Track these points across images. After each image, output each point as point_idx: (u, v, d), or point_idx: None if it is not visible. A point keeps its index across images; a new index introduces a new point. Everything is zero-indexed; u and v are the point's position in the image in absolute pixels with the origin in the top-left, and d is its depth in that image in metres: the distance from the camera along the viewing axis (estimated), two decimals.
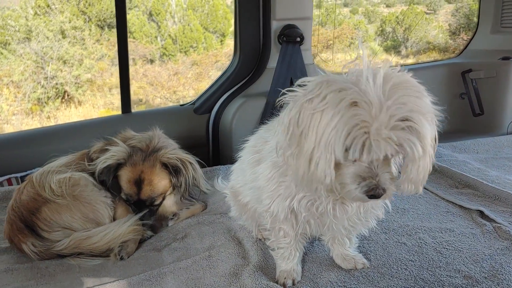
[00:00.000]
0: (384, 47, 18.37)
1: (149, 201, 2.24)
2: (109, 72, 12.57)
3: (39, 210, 2.15)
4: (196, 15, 16.11)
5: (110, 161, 2.21)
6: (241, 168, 1.94)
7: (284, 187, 1.46)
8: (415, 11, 19.20)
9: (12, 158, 2.89)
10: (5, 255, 2.14)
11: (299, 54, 3.16)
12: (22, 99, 11.35)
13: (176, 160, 2.24)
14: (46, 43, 11.57)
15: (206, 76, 11.79)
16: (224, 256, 1.88)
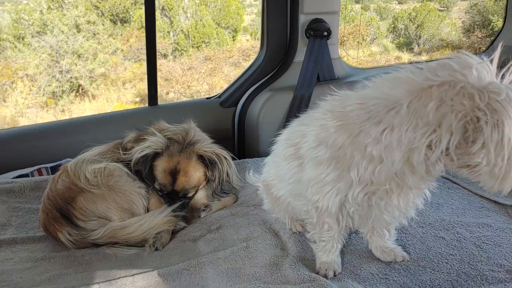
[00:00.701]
0: (396, 44, 18.27)
1: (183, 192, 2.26)
2: (123, 67, 12.63)
3: (74, 199, 2.17)
4: (209, 10, 16.11)
5: (148, 150, 2.23)
6: (274, 161, 1.95)
7: (337, 181, 1.46)
8: (428, 8, 19.04)
9: (42, 149, 2.91)
10: (40, 244, 2.16)
11: (326, 49, 3.15)
12: (37, 93, 11.43)
13: (212, 154, 2.26)
14: (61, 37, 11.63)
15: (219, 71, 11.80)
16: (262, 247, 1.89)
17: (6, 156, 2.86)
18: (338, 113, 1.47)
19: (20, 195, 2.55)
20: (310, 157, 1.52)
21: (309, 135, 1.56)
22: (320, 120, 1.55)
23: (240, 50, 13.21)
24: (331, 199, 1.49)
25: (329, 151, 1.45)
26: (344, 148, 1.41)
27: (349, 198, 1.46)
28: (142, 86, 11.99)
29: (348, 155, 1.41)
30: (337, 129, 1.44)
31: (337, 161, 1.44)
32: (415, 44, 18.23)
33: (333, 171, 1.45)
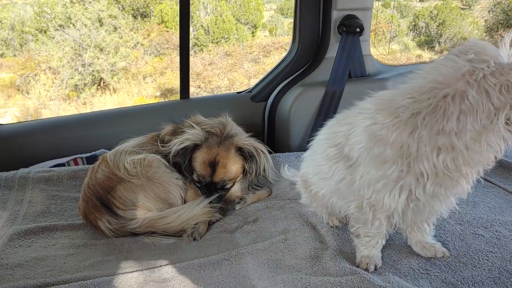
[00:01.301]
0: (417, 42, 18.08)
1: (221, 184, 2.29)
2: (143, 61, 12.73)
3: (114, 188, 2.22)
4: (229, 6, 16.14)
5: (187, 142, 2.27)
6: (313, 160, 1.97)
7: (405, 177, 1.48)
8: (450, 6, 18.79)
9: (78, 139, 2.98)
10: (80, 231, 2.22)
11: (358, 45, 3.15)
12: (59, 85, 11.60)
13: (251, 147, 2.29)
14: (84, 30, 11.77)
15: (240, 67, 11.82)
16: (301, 240, 1.91)
17: (43, 145, 2.93)
18: (391, 111, 1.49)
19: (58, 183, 2.61)
20: (370, 158, 1.53)
21: (359, 136, 1.58)
22: (368, 120, 1.56)
23: (260, 46, 13.22)
24: (395, 197, 1.51)
25: (392, 149, 1.46)
26: (407, 144, 1.43)
27: (415, 193, 1.48)
28: (163, 81, 12.09)
29: (414, 150, 1.43)
30: (395, 126, 1.45)
31: (402, 157, 1.45)
32: (436, 43, 18.02)
33: (399, 168, 1.46)
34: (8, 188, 2.52)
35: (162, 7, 14.78)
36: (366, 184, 1.59)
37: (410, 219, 1.68)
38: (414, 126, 1.44)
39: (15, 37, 14.33)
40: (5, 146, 2.89)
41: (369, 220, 1.65)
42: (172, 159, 2.32)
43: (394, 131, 1.48)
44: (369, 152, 1.56)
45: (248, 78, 11.61)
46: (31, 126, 3.05)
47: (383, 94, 1.64)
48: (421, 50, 17.35)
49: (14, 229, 2.16)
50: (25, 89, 12.19)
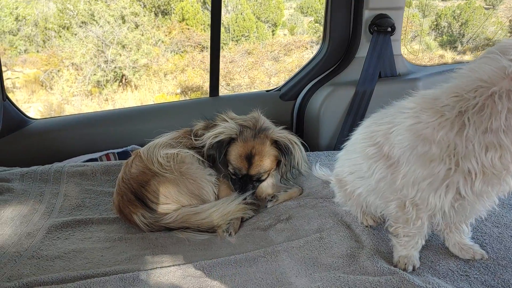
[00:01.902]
0: (439, 42, 17.85)
1: (256, 176, 2.32)
2: (164, 58, 12.81)
3: (148, 183, 2.25)
4: (249, 4, 16.14)
5: (222, 136, 2.29)
6: (349, 159, 1.97)
7: (452, 176, 1.47)
8: (473, 6, 18.50)
9: (109, 135, 3.03)
10: (115, 225, 2.25)
11: (389, 45, 3.14)
12: (82, 81, 11.74)
13: (285, 139, 2.30)
14: (107, 27, 11.90)
15: (260, 65, 11.82)
16: (336, 239, 1.91)
17: (75, 140, 2.99)
18: (437, 110, 1.48)
19: (92, 178, 2.65)
20: (414, 156, 1.53)
21: (401, 135, 1.58)
22: (411, 119, 1.55)
23: (281, 45, 13.19)
24: (441, 195, 1.50)
25: (438, 148, 1.46)
26: (454, 143, 1.43)
27: (463, 191, 1.47)
28: (183, 78, 12.15)
29: (461, 149, 1.42)
30: (441, 125, 1.45)
31: (450, 156, 1.44)
32: (459, 43, 17.77)
33: (446, 167, 1.46)
34: (44, 182, 2.58)
35: (183, 4, 14.85)
36: (411, 183, 1.58)
37: (452, 218, 1.67)
38: (461, 125, 1.44)
39: (38, 33, 14.57)
40: (39, 141, 2.96)
41: (411, 219, 1.64)
42: (206, 151, 2.34)
43: (440, 130, 1.47)
44: (412, 151, 1.56)
45: (269, 76, 11.60)
46: (63, 121, 3.11)
47: (426, 93, 1.63)
48: (443, 50, 17.12)
49: (51, 221, 2.20)
50: (49, 84, 12.37)
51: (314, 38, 16.31)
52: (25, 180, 2.58)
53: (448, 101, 1.48)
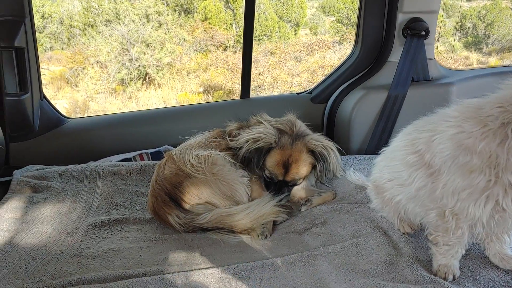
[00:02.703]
0: (463, 43, 17.57)
1: (292, 182, 2.34)
2: (188, 57, 12.91)
3: (181, 184, 2.28)
4: (272, 3, 16.15)
5: (262, 143, 2.31)
6: (388, 166, 1.97)
7: (492, 187, 1.46)
8: (499, 7, 18.16)
9: (143, 135, 3.08)
10: (150, 225, 2.29)
11: (422, 49, 3.11)
12: (107, 79, 11.91)
13: (322, 147, 2.31)
14: (131, 26, 12.05)
15: (283, 65, 11.82)
16: (373, 245, 1.91)
17: (109, 140, 3.05)
18: (480, 119, 1.48)
19: (127, 177, 2.70)
20: (455, 166, 1.52)
21: (443, 144, 1.57)
22: (454, 128, 1.55)
23: (304, 45, 13.16)
24: (480, 206, 1.49)
25: (479, 158, 1.45)
26: (496, 154, 1.42)
27: (503, 204, 1.46)
28: (206, 77, 12.22)
29: (503, 160, 1.41)
30: (483, 135, 1.44)
31: (490, 167, 1.44)
32: (484, 44, 17.47)
33: (486, 178, 1.45)
34: (80, 181, 2.63)
35: (206, 3, 14.94)
36: (450, 192, 1.58)
37: (492, 229, 1.65)
38: (503, 136, 1.43)
39: (64, 31, 14.83)
40: (74, 139, 3.02)
41: (451, 229, 1.64)
42: (243, 153, 2.36)
43: (482, 140, 1.46)
44: (454, 160, 1.55)
45: (292, 76, 11.59)
46: (98, 121, 3.17)
47: (470, 102, 1.62)
48: (468, 52, 16.86)
49: (89, 220, 2.25)
50: (74, 82, 12.58)
51: (337, 38, 16.24)
52: (63, 178, 2.64)
53: (492, 111, 1.47)
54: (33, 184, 2.53)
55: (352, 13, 16.94)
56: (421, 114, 3.02)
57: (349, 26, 16.79)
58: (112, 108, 11.49)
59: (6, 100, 2.77)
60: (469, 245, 1.87)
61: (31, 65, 2.82)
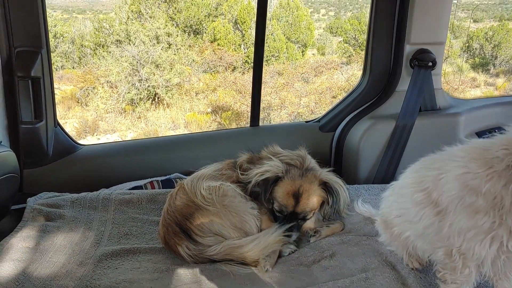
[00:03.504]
0: (470, 64, 17.62)
1: (302, 214, 2.35)
2: (196, 77, 13.07)
3: (192, 215, 2.31)
4: (280, 25, 16.34)
5: (269, 174, 2.34)
6: (396, 201, 1.99)
7: (496, 229, 1.49)
8: (506, 28, 18.24)
9: (153, 162, 3.13)
10: (161, 255, 2.31)
11: (430, 79, 3.15)
12: (117, 99, 12.07)
13: (334, 182, 2.34)
14: (142, 47, 12.24)
15: (291, 86, 11.92)
16: (382, 280, 1.93)
17: (121, 167, 3.10)
18: (486, 161, 1.50)
19: (138, 206, 2.74)
20: (461, 206, 1.55)
21: (450, 183, 1.60)
22: (461, 168, 1.58)
23: (312, 67, 13.28)
24: (485, 248, 1.51)
25: (484, 199, 1.47)
26: (501, 196, 1.44)
27: (507, 245, 1.48)
28: (214, 98, 12.35)
29: (507, 203, 1.43)
30: (489, 177, 1.47)
31: (495, 209, 1.46)
32: (491, 65, 17.50)
33: (490, 220, 1.47)
34: (92, 209, 2.67)
35: (215, 25, 15.17)
36: (457, 232, 1.60)
37: (500, 269, 1.66)
38: (508, 178, 1.46)
39: (75, 50, 15.10)
40: (86, 166, 3.08)
41: (459, 267, 1.65)
42: (251, 188, 2.39)
43: (487, 182, 1.49)
44: (460, 200, 1.58)
45: (299, 98, 11.67)
46: (110, 148, 3.23)
47: (477, 142, 1.65)
48: (475, 73, 16.89)
49: (101, 250, 2.29)
50: (84, 101, 12.75)
51: (344, 59, 16.37)
52: (75, 206, 2.68)
53: (498, 153, 1.51)
54: (46, 212, 2.58)
55: (359, 34, 17.10)
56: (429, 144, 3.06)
57: (356, 46, 16.94)
58: (121, 128, 11.60)
59: (22, 128, 2.83)
60: (477, 282, 1.88)
61: (46, 94, 2.89)
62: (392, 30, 3.16)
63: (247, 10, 15.63)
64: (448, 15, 3.12)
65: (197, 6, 15.23)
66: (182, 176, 3.05)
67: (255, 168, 2.44)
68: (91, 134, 11.49)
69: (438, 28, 3.12)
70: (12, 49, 2.75)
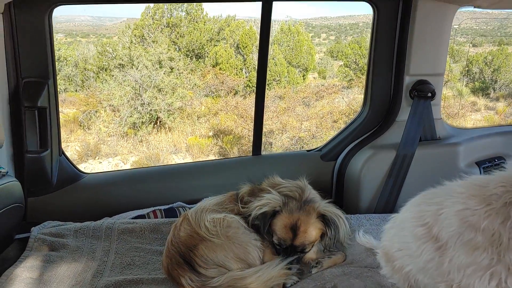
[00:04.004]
0: (470, 88, 17.75)
1: (301, 247, 2.36)
2: (198, 101, 13.18)
3: (196, 247, 2.33)
4: (281, 49, 16.54)
5: (267, 208, 2.37)
6: (397, 235, 2.01)
7: (495, 266, 1.51)
8: (506, 52, 18.43)
9: (156, 191, 3.16)
10: (163, 286, 2.32)
11: (429, 109, 3.20)
12: (119, 123, 12.15)
13: (332, 213, 2.36)
14: (144, 71, 12.39)
15: (292, 110, 12.02)
16: None
17: (124, 195, 3.13)
18: (484, 197, 1.54)
19: (140, 235, 2.75)
20: (460, 242, 1.57)
21: (449, 219, 1.63)
22: (460, 204, 1.61)
23: (313, 91, 13.40)
24: (484, 284, 1.53)
25: (483, 236, 1.50)
26: (499, 233, 1.47)
27: (506, 282, 1.50)
28: (215, 121, 12.43)
29: (505, 240, 1.46)
30: (487, 214, 1.50)
31: (493, 246, 1.48)
32: (491, 89, 17.63)
33: (489, 256, 1.50)
34: (96, 238, 2.69)
35: (217, 49, 15.37)
36: (456, 268, 1.62)
37: None
38: (506, 216, 1.49)
39: (78, 74, 15.26)
40: (90, 195, 3.11)
41: None
42: (251, 221, 2.42)
43: (486, 219, 1.52)
44: (459, 236, 1.60)
45: (300, 122, 11.75)
46: (114, 176, 3.26)
47: (476, 179, 1.69)
48: (475, 97, 17.01)
49: (104, 281, 2.30)
50: (87, 124, 12.83)
51: (345, 82, 16.51)
52: (79, 236, 2.70)
53: (495, 190, 1.54)
54: (50, 242, 2.60)
55: (359, 58, 17.29)
56: (430, 174, 3.10)
57: (357, 70, 17.11)
58: (123, 151, 11.64)
59: (27, 157, 2.86)
60: None
61: (52, 123, 2.93)
62: (391, 61, 3.23)
63: (249, 35, 15.84)
64: (446, 48, 3.19)
65: (199, 30, 15.46)
66: (184, 205, 3.08)
67: (255, 200, 2.47)
68: (92, 157, 11.53)
69: (436, 60, 3.18)
70: (19, 79, 2.81)
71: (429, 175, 3.15)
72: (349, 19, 24.30)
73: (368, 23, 20.97)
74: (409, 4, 3.03)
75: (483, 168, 3.29)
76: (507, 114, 15.48)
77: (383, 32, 3.17)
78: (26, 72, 2.82)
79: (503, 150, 3.40)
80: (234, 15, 16.74)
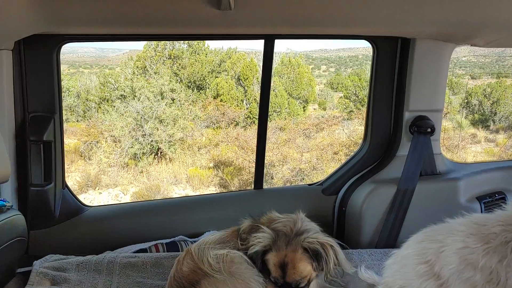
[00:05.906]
0: (470, 120, 17.89)
1: (294, 284, 2.34)
2: (199, 132, 13.27)
3: (199, 283, 2.32)
4: (282, 81, 16.77)
5: (257, 247, 2.37)
6: (399, 271, 2.01)
7: None
8: (504, 85, 18.66)
9: (157, 225, 3.16)
10: None
11: (429, 145, 3.24)
12: (120, 153, 12.20)
13: (316, 244, 2.33)
14: (146, 103, 12.53)
15: (293, 142, 12.09)
16: None
17: (126, 229, 3.13)
18: (482, 236, 1.56)
19: (142, 270, 2.75)
20: (460, 280, 1.59)
21: (451, 257, 1.65)
22: (460, 242, 1.63)
23: (314, 123, 13.52)
24: None
25: (481, 274, 1.52)
26: (496, 271, 1.49)
27: None
28: (216, 152, 12.48)
29: (503, 278, 1.47)
30: (485, 252, 1.52)
31: (490, 284, 1.50)
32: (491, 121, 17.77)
33: None
34: (97, 272, 2.68)
35: (218, 81, 15.58)
36: None
37: None
38: (503, 254, 1.51)
39: (80, 104, 15.42)
40: (92, 228, 3.11)
41: None
42: (249, 259, 2.42)
43: (484, 257, 1.54)
44: (459, 274, 1.62)
45: (301, 153, 11.80)
46: (116, 210, 3.27)
47: (475, 217, 1.71)
48: (475, 129, 17.13)
49: None
50: (87, 155, 12.88)
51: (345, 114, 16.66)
52: (80, 270, 2.69)
53: (494, 229, 1.57)
54: (51, 276, 2.59)
55: (359, 89, 17.50)
56: (430, 208, 3.12)
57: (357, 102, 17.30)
58: (124, 182, 11.64)
59: (31, 190, 2.89)
60: None
61: (56, 157, 2.97)
62: (391, 98, 3.29)
63: (250, 67, 16.09)
64: (444, 84, 3.26)
65: (201, 62, 15.71)
66: (186, 239, 3.08)
67: (251, 238, 2.47)
68: (93, 188, 11.53)
69: (435, 97, 3.24)
70: (26, 114, 2.85)
71: (430, 210, 3.17)
72: (349, 52, 24.72)
73: (367, 56, 21.35)
74: (408, 43, 3.11)
75: (484, 203, 3.31)
76: (507, 147, 15.55)
77: (383, 69, 3.24)
78: (33, 106, 2.87)
79: (503, 185, 3.42)
80: (236, 47, 17.06)
